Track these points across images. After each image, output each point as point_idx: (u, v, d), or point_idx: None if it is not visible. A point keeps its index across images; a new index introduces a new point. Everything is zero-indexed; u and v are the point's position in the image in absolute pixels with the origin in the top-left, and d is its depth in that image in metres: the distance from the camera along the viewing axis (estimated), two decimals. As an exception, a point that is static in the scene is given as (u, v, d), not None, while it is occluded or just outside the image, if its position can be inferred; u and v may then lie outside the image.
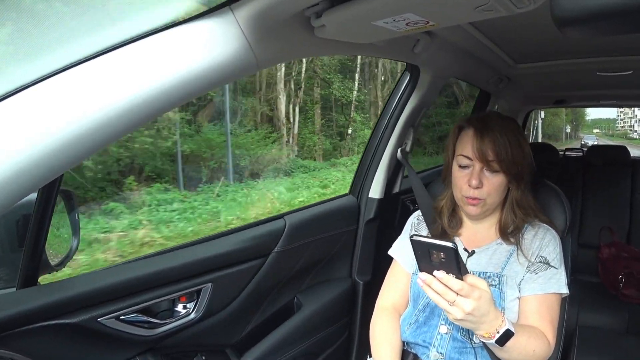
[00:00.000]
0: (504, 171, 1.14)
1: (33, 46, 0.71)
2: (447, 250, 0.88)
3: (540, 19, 1.19)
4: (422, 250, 0.93)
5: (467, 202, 1.18)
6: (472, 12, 0.82)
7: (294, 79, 10.25)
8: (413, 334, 1.21)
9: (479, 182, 1.14)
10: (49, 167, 0.62)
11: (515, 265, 1.16)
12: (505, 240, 1.20)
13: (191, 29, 0.72)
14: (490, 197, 1.16)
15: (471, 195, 1.16)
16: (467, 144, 1.17)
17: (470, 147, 1.15)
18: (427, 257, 0.92)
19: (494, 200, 1.17)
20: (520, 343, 0.99)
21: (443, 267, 0.91)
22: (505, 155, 1.12)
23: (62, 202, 1.09)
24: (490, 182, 1.15)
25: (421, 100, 1.68)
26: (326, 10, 0.85)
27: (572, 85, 2.53)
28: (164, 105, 0.70)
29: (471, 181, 1.14)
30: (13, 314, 0.95)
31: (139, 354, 1.19)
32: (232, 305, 1.38)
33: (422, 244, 0.92)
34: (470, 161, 1.16)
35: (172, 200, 5.77)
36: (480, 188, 1.15)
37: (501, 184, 1.15)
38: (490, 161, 1.13)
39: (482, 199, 1.16)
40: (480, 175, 1.15)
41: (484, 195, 1.15)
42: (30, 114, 0.61)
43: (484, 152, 1.13)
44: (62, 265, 1.11)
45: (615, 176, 2.82)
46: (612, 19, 0.58)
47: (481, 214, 1.20)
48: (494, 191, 1.15)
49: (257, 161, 7.97)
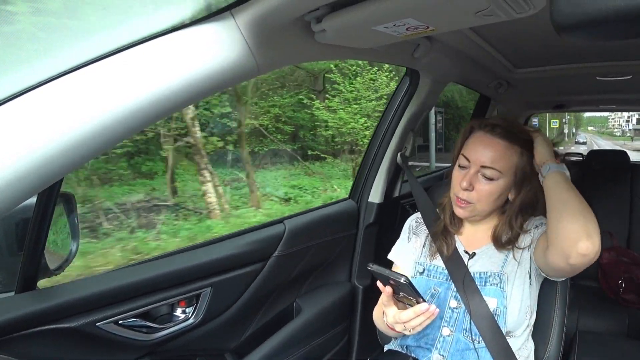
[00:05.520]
0: (502, 180, 1.14)
1: (35, 49, 0.71)
2: (401, 285, 0.96)
3: (540, 24, 1.19)
4: (382, 278, 1.00)
5: (456, 202, 1.19)
6: (472, 17, 0.82)
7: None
8: (415, 337, 1.20)
9: (469, 185, 1.15)
10: (49, 170, 0.61)
11: (512, 262, 1.17)
12: (498, 247, 1.20)
13: (191, 33, 0.72)
14: (480, 203, 1.16)
15: (460, 197, 1.17)
16: (471, 145, 1.18)
17: (472, 150, 1.16)
18: (386, 281, 1.00)
19: (483, 208, 1.17)
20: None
21: (403, 291, 0.98)
22: (505, 162, 1.13)
23: (62, 205, 1.08)
24: (483, 188, 1.15)
25: (421, 104, 1.68)
26: (326, 15, 0.85)
27: (572, 89, 2.53)
28: (164, 110, 0.70)
29: (462, 182, 1.15)
30: (12, 318, 0.95)
31: (138, 359, 1.19)
32: (232, 310, 1.38)
33: (380, 275, 1.00)
34: (469, 163, 1.17)
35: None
36: (470, 191, 1.15)
37: (493, 193, 1.15)
38: (486, 167, 1.14)
39: (470, 203, 1.16)
40: (474, 179, 1.15)
41: (473, 200, 1.16)
42: (32, 118, 0.61)
43: (482, 158, 1.14)
44: (61, 269, 1.11)
45: (615, 180, 2.82)
46: (612, 24, 0.58)
47: (470, 217, 1.21)
48: (485, 198, 1.16)
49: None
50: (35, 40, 0.71)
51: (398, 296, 1.01)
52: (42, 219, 0.99)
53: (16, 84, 0.62)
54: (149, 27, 0.70)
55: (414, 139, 1.79)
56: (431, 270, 1.25)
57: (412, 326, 0.98)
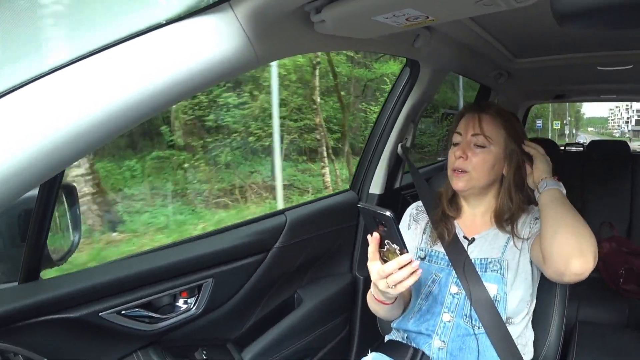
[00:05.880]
0: (493, 147, 1.19)
1: (33, 42, 0.71)
2: (386, 218, 0.94)
3: (540, 13, 1.19)
4: (369, 219, 0.99)
5: (453, 175, 1.22)
6: (472, 6, 0.82)
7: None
8: (416, 323, 1.21)
9: (462, 153, 1.19)
10: (50, 163, 0.62)
11: (513, 249, 1.18)
12: (500, 228, 1.21)
13: (190, 25, 0.72)
14: (476, 171, 1.19)
15: (456, 166, 1.20)
16: (463, 122, 1.24)
17: (463, 125, 1.23)
18: (373, 226, 0.99)
19: (479, 176, 1.19)
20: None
21: (387, 236, 0.97)
22: (493, 131, 1.19)
23: (64, 196, 1.09)
24: (477, 155, 1.19)
25: (421, 95, 1.68)
26: (326, 5, 0.85)
27: (572, 79, 2.53)
28: (164, 102, 0.71)
29: (456, 152, 1.20)
30: (15, 308, 0.95)
31: (140, 349, 1.20)
32: (233, 301, 1.39)
33: (367, 212, 0.99)
34: (461, 136, 1.22)
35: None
36: (464, 159, 1.19)
37: (487, 160, 1.19)
38: (477, 134, 1.19)
39: (466, 171, 1.19)
40: (467, 148, 1.20)
41: (468, 167, 1.19)
42: (32, 110, 0.61)
43: (472, 129, 1.20)
44: (64, 260, 1.12)
45: (616, 171, 2.82)
46: (612, 13, 0.58)
47: (468, 189, 1.22)
48: (479, 166, 1.19)
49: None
50: (34, 32, 0.71)
51: (383, 250, 0.99)
52: (44, 210, 1.00)
53: (16, 76, 0.62)
54: (148, 19, 0.70)
55: (414, 130, 1.79)
56: (432, 255, 1.26)
57: (395, 280, 0.96)
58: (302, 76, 6.61)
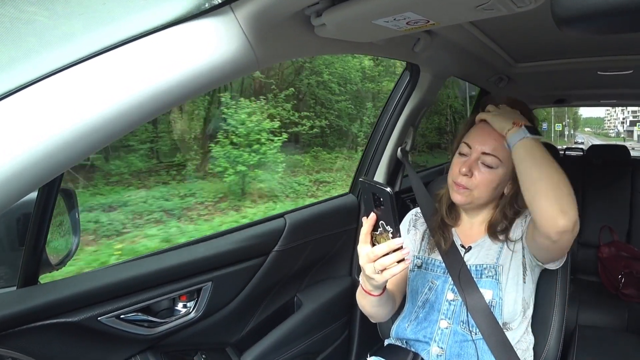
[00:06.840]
0: (501, 168, 1.14)
1: (34, 44, 0.71)
2: (385, 194, 0.91)
3: (540, 18, 1.19)
4: (367, 195, 0.96)
5: (454, 187, 1.18)
6: (472, 11, 0.82)
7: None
8: (413, 330, 1.21)
9: (468, 171, 1.15)
10: (49, 166, 0.62)
11: (507, 252, 1.18)
12: (493, 238, 1.20)
13: (191, 27, 0.72)
14: (478, 190, 1.16)
15: (458, 181, 1.16)
16: (474, 133, 1.18)
17: (475, 137, 1.17)
18: (370, 203, 0.96)
19: (481, 195, 1.17)
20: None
21: (383, 215, 0.94)
22: (504, 155, 1.13)
23: (62, 200, 1.09)
24: (482, 175, 1.15)
25: (421, 99, 1.68)
26: (326, 9, 0.85)
27: (573, 84, 2.53)
28: (164, 104, 0.70)
29: (462, 168, 1.15)
30: (13, 312, 0.95)
31: (139, 353, 1.19)
32: (232, 304, 1.38)
33: (367, 186, 0.96)
34: (469, 149, 1.17)
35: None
36: (468, 177, 1.15)
37: (492, 181, 1.15)
38: (487, 154, 1.14)
39: (468, 188, 1.16)
40: (473, 166, 1.15)
41: (471, 186, 1.16)
42: (31, 113, 0.61)
43: (484, 145, 1.14)
44: (63, 264, 1.11)
45: (616, 175, 2.82)
46: (613, 17, 0.57)
47: (467, 204, 1.20)
48: (483, 186, 1.15)
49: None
50: (34, 34, 0.71)
51: (376, 233, 0.96)
52: (42, 214, 0.99)
53: (16, 79, 0.62)
54: (149, 22, 0.70)
55: (414, 134, 1.79)
56: (429, 263, 1.26)
57: (383, 264, 0.91)
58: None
